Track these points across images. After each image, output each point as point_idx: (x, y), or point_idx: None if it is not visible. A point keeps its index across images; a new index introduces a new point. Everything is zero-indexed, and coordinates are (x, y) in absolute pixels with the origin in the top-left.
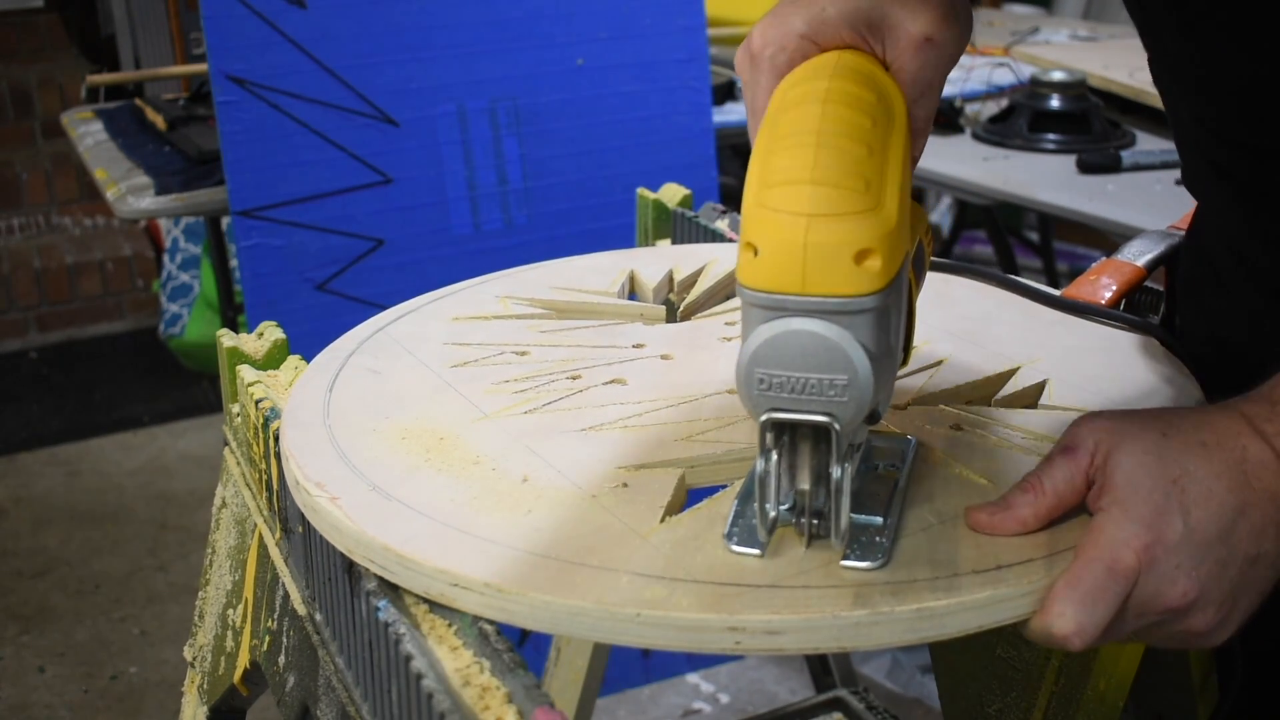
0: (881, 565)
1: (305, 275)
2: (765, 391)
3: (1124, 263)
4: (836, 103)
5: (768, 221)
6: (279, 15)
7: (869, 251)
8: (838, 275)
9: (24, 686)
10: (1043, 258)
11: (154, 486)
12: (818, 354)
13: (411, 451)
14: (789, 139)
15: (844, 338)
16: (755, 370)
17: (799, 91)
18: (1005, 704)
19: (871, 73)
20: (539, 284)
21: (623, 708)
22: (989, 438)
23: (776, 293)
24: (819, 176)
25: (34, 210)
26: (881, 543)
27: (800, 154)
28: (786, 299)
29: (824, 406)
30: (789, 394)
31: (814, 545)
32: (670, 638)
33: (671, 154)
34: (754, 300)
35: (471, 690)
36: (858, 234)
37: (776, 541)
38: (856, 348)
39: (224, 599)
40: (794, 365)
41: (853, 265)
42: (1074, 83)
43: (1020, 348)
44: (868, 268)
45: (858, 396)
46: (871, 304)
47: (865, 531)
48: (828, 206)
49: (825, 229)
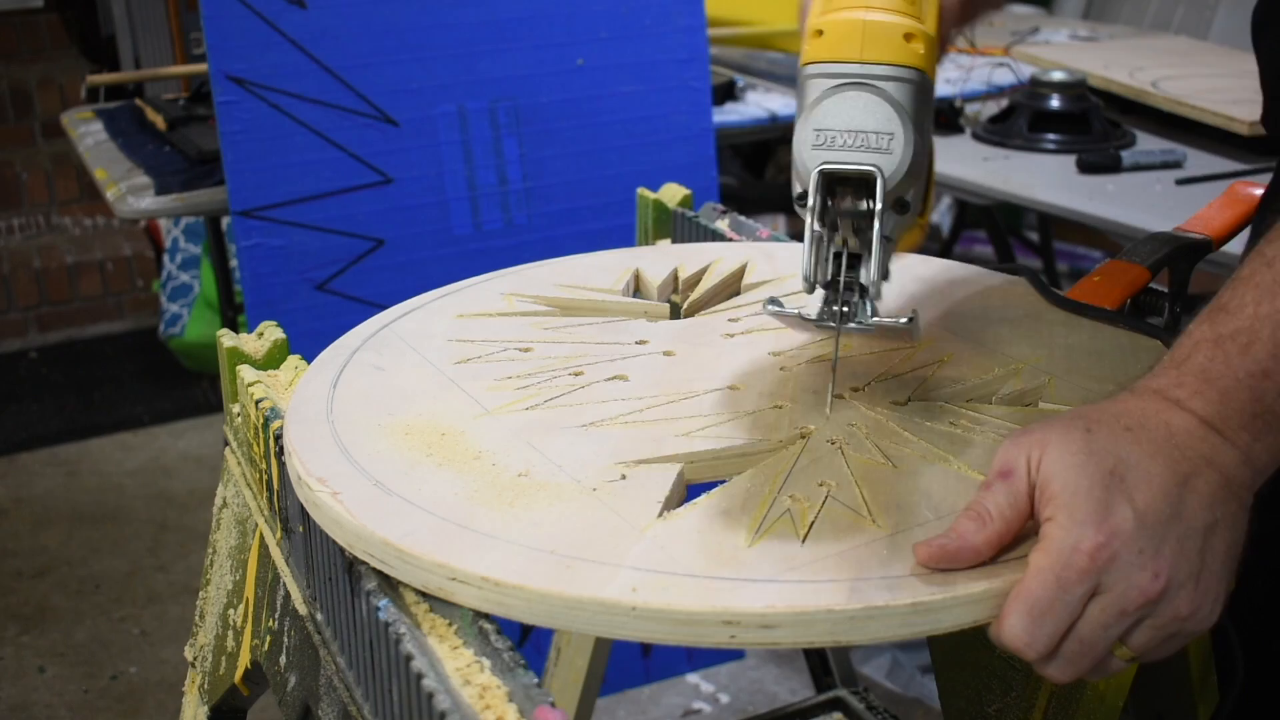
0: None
1: (305, 275)
2: (819, 149)
3: (1129, 264)
4: None
5: (833, 13)
6: (279, 15)
7: (914, 35)
8: (890, 47)
9: (24, 686)
10: (1043, 258)
11: (154, 486)
12: (871, 111)
13: (413, 447)
14: None
15: (892, 100)
16: (814, 128)
17: None
18: (1005, 704)
19: None
20: (544, 281)
21: (623, 708)
22: (989, 436)
23: (839, 61)
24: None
25: (34, 210)
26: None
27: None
28: (847, 66)
29: (873, 159)
30: (841, 150)
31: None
32: (666, 631)
33: (671, 154)
34: (818, 73)
35: (472, 689)
36: (906, 22)
37: (772, 533)
38: (902, 110)
39: (225, 599)
40: (850, 122)
41: (902, 41)
42: (1074, 83)
43: (1021, 347)
44: (913, 47)
45: (901, 150)
46: (915, 76)
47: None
48: (883, 5)
49: (881, 16)
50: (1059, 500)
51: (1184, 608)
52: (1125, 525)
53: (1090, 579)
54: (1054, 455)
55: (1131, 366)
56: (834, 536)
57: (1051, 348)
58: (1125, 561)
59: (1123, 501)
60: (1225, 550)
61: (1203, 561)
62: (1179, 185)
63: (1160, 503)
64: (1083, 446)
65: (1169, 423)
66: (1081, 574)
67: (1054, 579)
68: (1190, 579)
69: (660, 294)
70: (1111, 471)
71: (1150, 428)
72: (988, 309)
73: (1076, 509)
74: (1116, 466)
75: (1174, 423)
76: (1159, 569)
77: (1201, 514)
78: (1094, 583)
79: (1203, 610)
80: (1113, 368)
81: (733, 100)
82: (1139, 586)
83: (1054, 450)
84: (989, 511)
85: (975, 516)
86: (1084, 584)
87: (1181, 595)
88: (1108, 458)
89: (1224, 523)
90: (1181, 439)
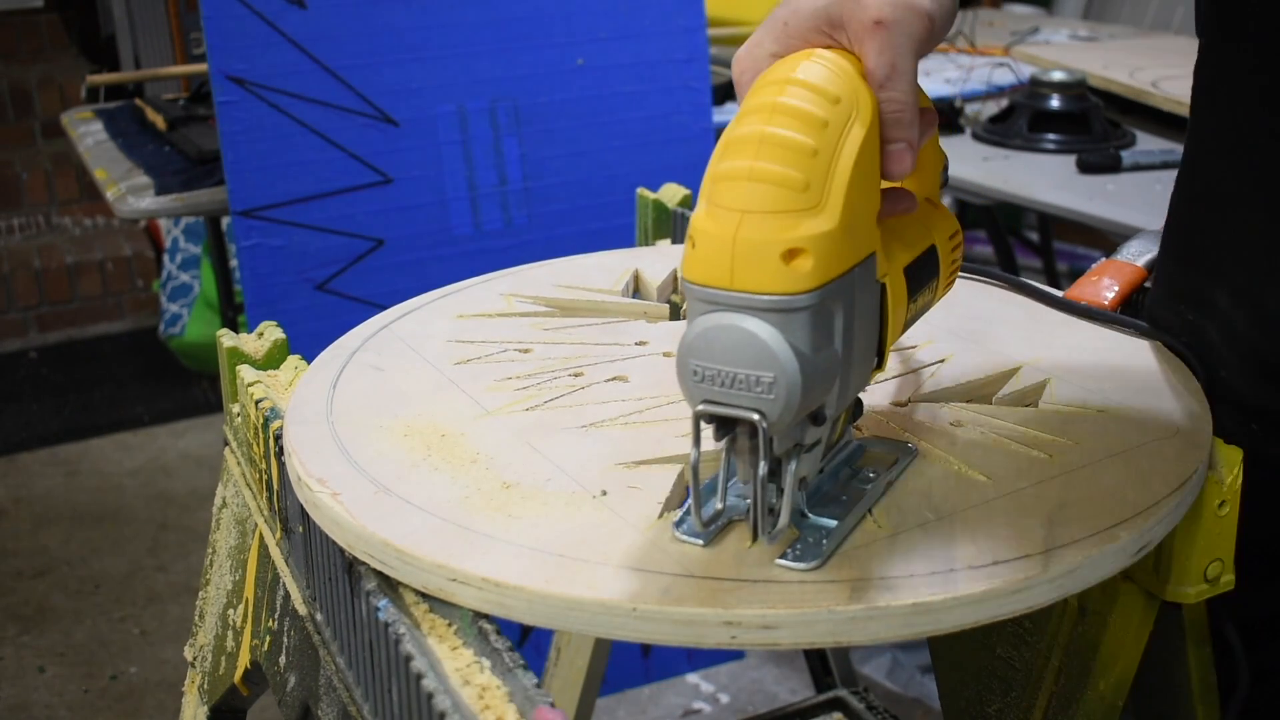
0: (815, 568)
1: (305, 275)
2: (699, 383)
3: (1125, 263)
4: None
5: (708, 215)
6: (279, 15)
7: (799, 251)
8: (765, 272)
9: (24, 686)
10: (1043, 258)
11: (154, 486)
12: (745, 349)
13: (413, 448)
14: (739, 140)
15: (771, 335)
16: (690, 361)
17: (757, 99)
18: (1005, 704)
19: (841, 70)
20: (543, 282)
21: (623, 708)
22: (989, 436)
23: (709, 286)
24: (756, 174)
25: (34, 210)
26: (825, 546)
27: (744, 151)
28: (718, 293)
29: (753, 402)
30: (720, 387)
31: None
32: (667, 632)
33: (671, 154)
34: (691, 292)
35: (471, 690)
36: (787, 233)
37: None
38: (784, 346)
39: (224, 599)
40: (724, 359)
41: (780, 263)
42: (1074, 83)
43: (1021, 347)
44: (796, 267)
45: (785, 395)
46: (803, 303)
47: (815, 532)
48: (761, 204)
49: (755, 226)
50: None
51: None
52: None
53: None
54: None
55: (1130, 366)
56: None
57: (1051, 348)
58: None
59: None
60: None
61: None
62: None
63: None
64: None
65: None
66: None
67: None
68: None
69: (660, 294)
70: None
71: None
72: (987, 309)
73: None
74: None
75: None
76: None
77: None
78: None
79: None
80: (1112, 368)
81: (733, 100)
82: None
83: None
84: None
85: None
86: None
87: None
88: None
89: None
90: None
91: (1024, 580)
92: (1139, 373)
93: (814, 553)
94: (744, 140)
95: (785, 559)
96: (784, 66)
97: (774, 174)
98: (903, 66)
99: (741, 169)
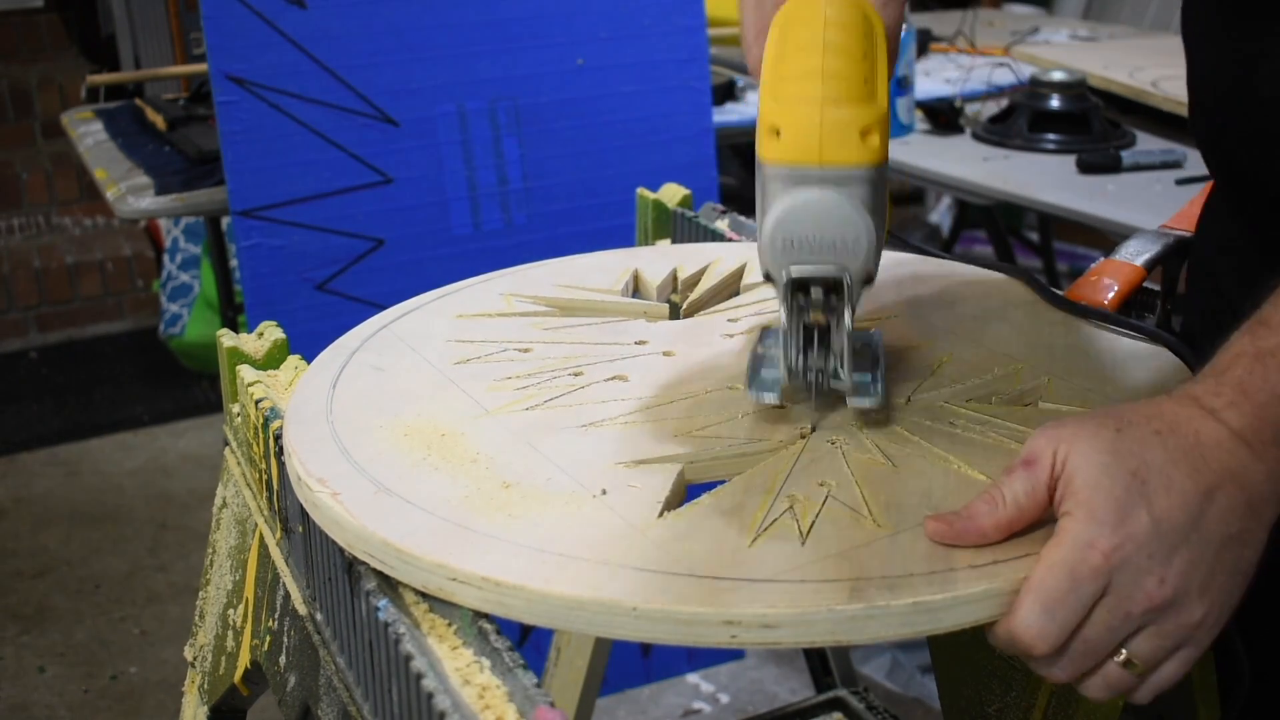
0: (879, 402)
1: (305, 275)
2: (789, 251)
3: (1124, 263)
4: (834, 22)
5: (788, 107)
6: (279, 15)
7: (870, 129)
8: (849, 148)
9: (24, 686)
10: (1043, 258)
11: (154, 486)
12: (833, 215)
13: (413, 448)
14: (800, 46)
15: (853, 201)
16: (779, 234)
17: (802, 13)
18: (1005, 704)
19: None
20: (543, 282)
21: (623, 708)
22: (989, 436)
23: (798, 164)
24: (829, 71)
25: (34, 210)
26: (876, 388)
27: (811, 56)
28: (807, 169)
29: (840, 261)
30: (810, 253)
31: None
32: (667, 631)
33: (671, 154)
34: (778, 174)
35: (471, 689)
36: (862, 116)
37: (772, 533)
38: (862, 210)
39: (224, 599)
40: (814, 227)
41: (860, 140)
42: (1074, 83)
43: (1022, 347)
44: (870, 143)
45: (866, 252)
46: (873, 174)
47: (859, 387)
48: (838, 94)
49: (837, 111)
50: (1079, 497)
51: (1187, 618)
52: (1140, 529)
53: (1102, 578)
54: (1080, 452)
55: (1129, 366)
56: (834, 536)
57: (1050, 348)
58: (1135, 565)
59: (1141, 505)
60: (1237, 565)
61: (1215, 574)
62: (1179, 185)
63: (1178, 511)
64: (1110, 446)
65: (1199, 431)
66: (1094, 571)
67: (1067, 573)
68: (1197, 590)
69: (659, 294)
70: (1134, 474)
71: (1180, 434)
72: (987, 309)
73: (1095, 508)
74: (1140, 469)
75: (1204, 432)
76: (1166, 575)
77: (1219, 527)
78: (1105, 582)
79: (1208, 622)
80: (1111, 368)
81: (733, 100)
82: (1145, 590)
83: (1081, 447)
84: (1004, 497)
85: (989, 499)
86: (1095, 581)
87: (1186, 606)
88: (1132, 459)
89: (1240, 538)
90: (1210, 449)
91: (1024, 579)
92: (1139, 373)
93: (870, 391)
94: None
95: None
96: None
97: (844, 71)
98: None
99: (813, 68)
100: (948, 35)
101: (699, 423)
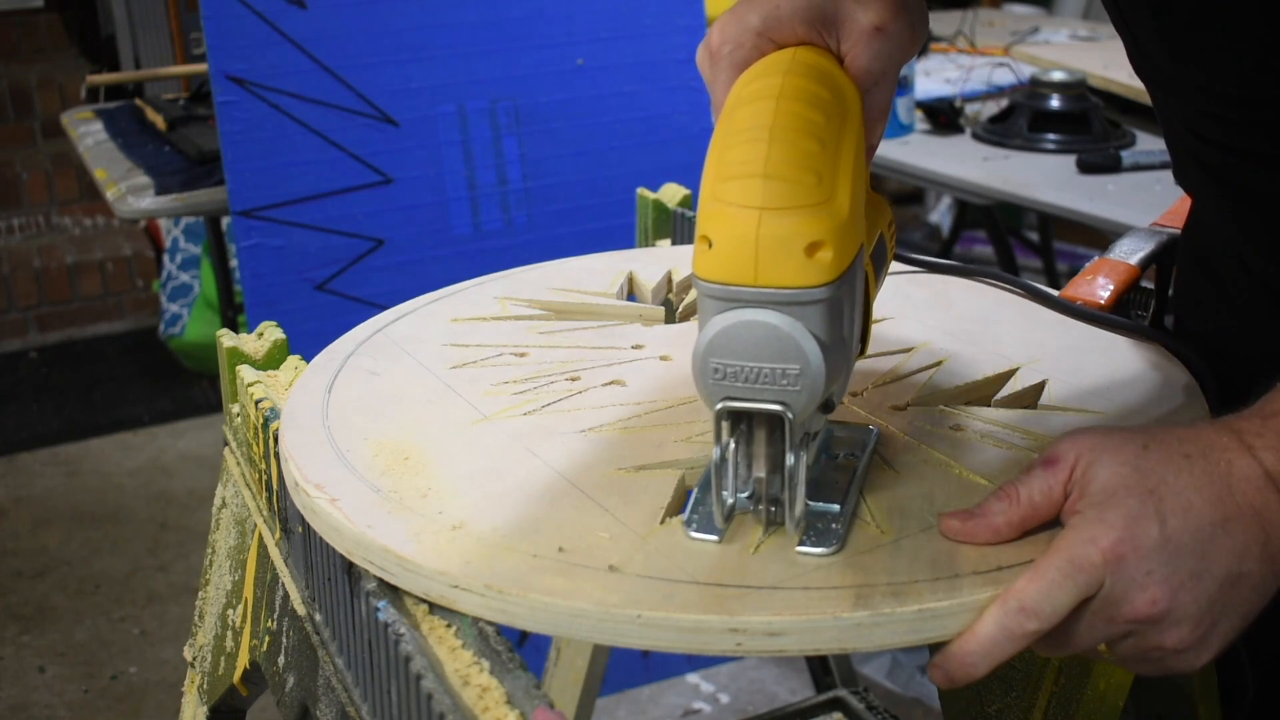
0: (836, 551)
1: (305, 275)
2: (720, 381)
3: (1119, 261)
4: (790, 98)
5: (722, 214)
6: (279, 15)
7: (820, 244)
8: (789, 267)
9: (24, 686)
10: (1043, 258)
11: (154, 486)
12: (771, 344)
13: (412, 454)
14: (743, 134)
15: (796, 328)
16: (710, 360)
17: (754, 88)
18: (1005, 704)
19: (826, 68)
20: (538, 285)
21: (623, 708)
22: (989, 438)
23: (730, 284)
24: (771, 170)
25: (34, 210)
26: (837, 529)
27: (754, 148)
28: (740, 290)
29: (777, 395)
30: (743, 383)
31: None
32: (671, 639)
33: (671, 154)
34: (709, 291)
35: (471, 690)
36: (809, 226)
37: (776, 539)
38: (808, 338)
39: (224, 599)
40: (748, 355)
41: (804, 257)
42: (1074, 83)
43: (1020, 348)
44: (819, 259)
45: (810, 385)
46: (823, 295)
47: (822, 519)
48: (779, 200)
49: (777, 222)
50: (1091, 500)
51: (1172, 642)
52: (1145, 541)
53: (1097, 574)
54: (1102, 462)
55: (1126, 366)
56: None
57: (1047, 349)
58: (1129, 572)
59: (1153, 521)
60: (1243, 607)
61: (1211, 608)
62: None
63: (1188, 534)
64: (1133, 461)
65: (1233, 462)
66: (1090, 566)
67: (1066, 561)
68: (1190, 620)
69: (655, 297)
70: (1152, 491)
71: (1210, 460)
72: (985, 310)
73: (1105, 511)
74: (1159, 488)
75: (1237, 464)
76: (1159, 595)
77: (1227, 561)
78: (1099, 580)
79: (1191, 652)
80: (1108, 368)
81: None
82: (1134, 604)
83: (1105, 458)
84: (1019, 494)
85: (1004, 496)
86: (1089, 575)
87: (1174, 630)
88: (1152, 477)
89: (1248, 580)
90: (1239, 482)
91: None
92: (1138, 372)
93: (831, 536)
94: (752, 136)
95: (805, 545)
96: (779, 59)
97: (790, 170)
98: (891, 75)
99: (755, 166)
100: (948, 35)
101: (699, 428)
